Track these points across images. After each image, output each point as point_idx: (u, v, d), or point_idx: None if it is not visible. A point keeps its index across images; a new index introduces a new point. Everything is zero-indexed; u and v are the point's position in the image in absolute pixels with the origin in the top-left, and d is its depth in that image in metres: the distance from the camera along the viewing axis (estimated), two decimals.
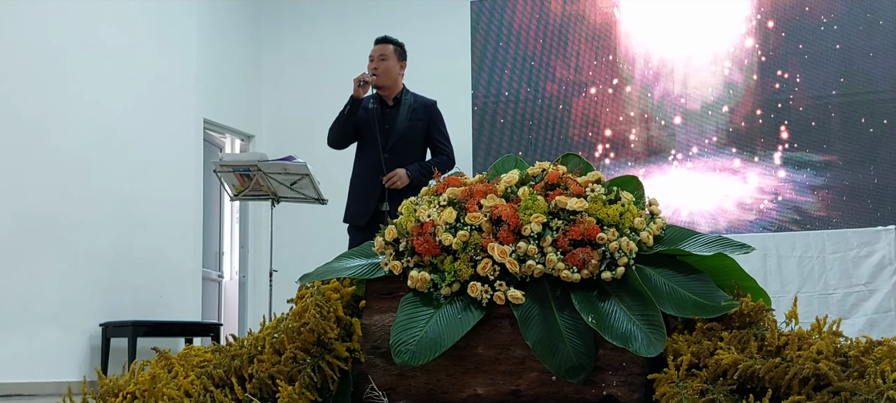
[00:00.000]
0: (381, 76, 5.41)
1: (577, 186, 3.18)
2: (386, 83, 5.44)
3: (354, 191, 5.52)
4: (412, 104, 5.51)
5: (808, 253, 6.53)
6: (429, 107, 5.56)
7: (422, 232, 3.15)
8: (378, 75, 5.40)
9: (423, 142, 5.55)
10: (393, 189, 5.33)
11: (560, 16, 7.69)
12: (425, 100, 5.57)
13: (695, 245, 3.06)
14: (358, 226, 5.42)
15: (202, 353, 3.23)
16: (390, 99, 5.50)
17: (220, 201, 8.25)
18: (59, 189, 6.39)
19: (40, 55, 6.33)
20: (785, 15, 7.19)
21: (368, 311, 3.17)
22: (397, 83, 5.52)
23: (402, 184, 5.33)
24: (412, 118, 5.47)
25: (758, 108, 7.18)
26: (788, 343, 2.70)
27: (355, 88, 5.32)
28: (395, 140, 5.42)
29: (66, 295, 6.37)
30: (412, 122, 5.46)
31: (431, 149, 5.59)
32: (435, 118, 5.56)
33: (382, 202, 5.35)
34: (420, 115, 5.50)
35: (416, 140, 5.50)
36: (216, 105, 8.04)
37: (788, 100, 7.12)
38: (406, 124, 5.44)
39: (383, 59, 5.44)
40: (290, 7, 8.88)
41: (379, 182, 5.36)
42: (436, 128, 5.55)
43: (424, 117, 5.51)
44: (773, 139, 7.11)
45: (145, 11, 7.22)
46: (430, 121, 5.53)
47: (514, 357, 2.94)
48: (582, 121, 7.53)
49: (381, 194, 5.36)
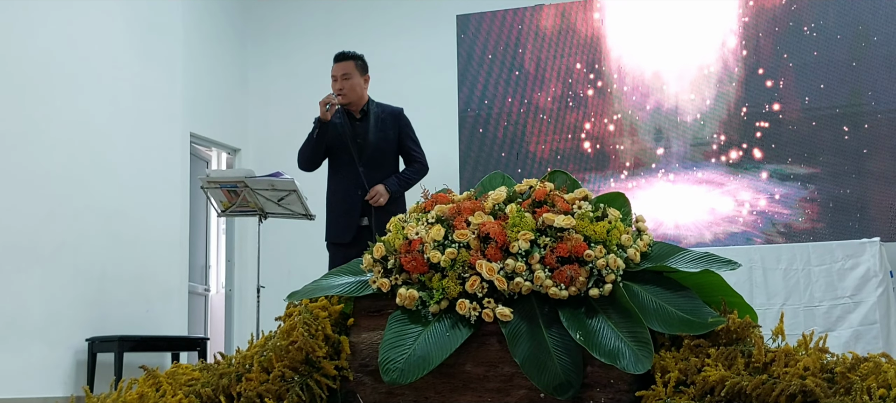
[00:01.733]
0: (348, 94, 5.42)
1: (564, 203, 3.19)
2: (352, 99, 5.44)
3: (334, 209, 5.50)
4: (379, 114, 5.50)
5: (793, 266, 6.55)
6: (396, 115, 5.56)
7: (410, 249, 3.16)
8: (344, 95, 5.40)
9: (395, 151, 5.55)
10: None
11: (545, 29, 7.71)
12: (392, 109, 5.57)
13: (681, 261, 3.08)
14: (339, 244, 5.41)
15: (190, 371, 3.22)
16: (358, 111, 5.49)
17: (207, 214, 8.23)
18: (45, 203, 6.36)
19: (24, 70, 6.31)
20: (771, 27, 7.24)
21: (357, 329, 3.18)
22: (363, 97, 5.51)
23: (385, 200, 5.35)
24: (383, 128, 5.47)
25: (743, 121, 7.22)
26: (775, 359, 2.72)
27: (322, 111, 5.30)
28: (370, 152, 5.42)
29: (51, 310, 6.34)
30: (383, 132, 5.46)
31: (404, 157, 5.59)
32: (404, 126, 5.56)
33: (363, 217, 5.36)
34: (390, 124, 5.50)
35: (390, 150, 5.51)
36: (202, 118, 8.03)
37: (774, 112, 7.16)
38: (377, 135, 5.44)
39: (347, 77, 5.42)
40: (277, 21, 8.88)
41: (359, 197, 5.36)
42: (407, 136, 5.56)
43: (394, 125, 5.51)
44: (758, 152, 7.15)
45: (130, 25, 7.20)
46: (399, 129, 5.53)
47: (503, 374, 2.94)
48: (567, 134, 7.55)
49: (362, 209, 5.36)
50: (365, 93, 5.53)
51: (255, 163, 8.57)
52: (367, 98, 5.53)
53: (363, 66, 5.53)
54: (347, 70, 5.43)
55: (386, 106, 5.56)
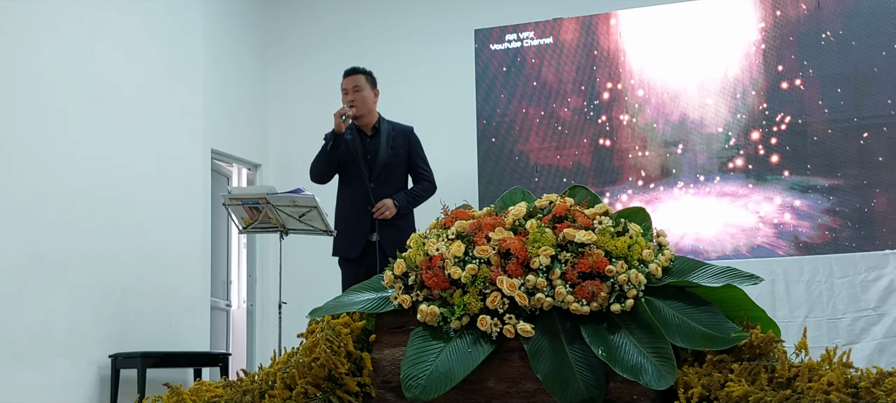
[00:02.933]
0: (359, 106, 5.48)
1: (584, 219, 3.19)
2: (363, 112, 5.50)
3: (343, 224, 5.56)
4: (390, 132, 5.56)
5: (816, 278, 6.52)
6: (407, 133, 5.62)
7: (430, 265, 3.17)
8: (356, 106, 5.46)
9: (405, 169, 5.62)
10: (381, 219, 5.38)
11: (564, 42, 7.71)
12: (402, 127, 5.63)
13: (703, 276, 3.07)
14: (349, 259, 5.46)
15: (213, 388, 3.24)
16: (369, 128, 5.55)
17: (228, 229, 8.26)
18: (68, 221, 6.40)
19: (48, 88, 6.36)
20: (793, 39, 7.21)
21: (379, 345, 3.18)
22: (373, 112, 5.58)
23: (391, 213, 5.40)
24: (393, 146, 5.53)
25: (764, 132, 7.19)
26: (799, 374, 2.71)
27: (337, 123, 5.37)
28: (380, 169, 5.49)
29: (75, 326, 6.37)
30: (394, 150, 5.52)
31: (413, 175, 5.65)
32: (414, 144, 5.63)
33: (372, 233, 5.40)
34: (400, 142, 5.56)
35: (400, 167, 5.57)
36: (223, 135, 8.07)
37: (795, 122, 7.12)
38: (388, 152, 5.50)
39: (358, 89, 5.50)
40: (296, 37, 8.93)
41: (367, 213, 5.42)
42: (416, 154, 5.62)
43: (404, 144, 5.58)
44: (779, 163, 7.12)
45: (152, 43, 7.26)
46: (410, 147, 5.59)
47: (525, 390, 2.94)
48: (586, 148, 7.54)
49: (371, 225, 5.41)
50: (375, 107, 5.61)
51: (275, 178, 8.61)
52: (378, 115, 5.60)
53: (373, 81, 5.62)
54: (358, 83, 5.52)
55: (397, 124, 5.62)
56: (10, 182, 6.07)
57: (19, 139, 6.16)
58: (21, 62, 6.20)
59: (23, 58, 6.22)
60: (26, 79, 6.23)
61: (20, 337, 5.99)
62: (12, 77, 6.14)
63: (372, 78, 5.62)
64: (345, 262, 5.52)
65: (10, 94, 6.12)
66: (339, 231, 5.56)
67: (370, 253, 5.27)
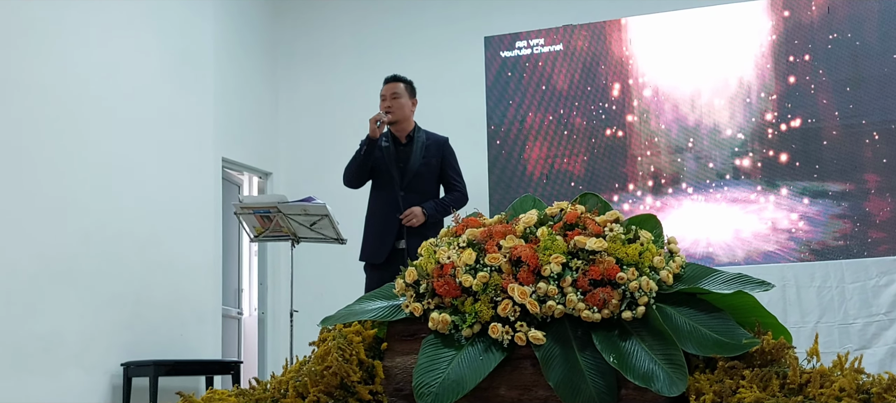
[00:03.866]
0: (396, 112, 5.51)
1: (595, 226, 3.20)
2: (399, 119, 5.53)
3: (371, 229, 5.58)
4: (425, 141, 5.59)
5: (827, 283, 6.51)
6: (441, 144, 5.64)
7: (442, 273, 3.18)
8: (393, 112, 5.48)
9: (437, 179, 5.62)
10: (409, 226, 5.39)
11: (573, 49, 7.72)
12: (437, 137, 5.65)
13: (715, 283, 3.07)
14: (375, 264, 5.47)
15: (226, 397, 3.25)
16: (404, 136, 5.58)
17: (239, 237, 8.29)
18: (80, 229, 6.44)
19: (59, 98, 6.40)
20: (803, 43, 7.20)
21: (390, 353, 3.19)
22: (410, 120, 5.61)
23: (419, 221, 5.40)
24: (426, 155, 5.55)
25: (774, 138, 7.18)
26: (810, 380, 2.71)
27: (372, 128, 5.39)
28: (411, 177, 5.50)
29: (87, 335, 6.40)
30: (426, 159, 5.54)
31: (444, 185, 5.65)
32: (448, 155, 5.64)
33: (399, 240, 5.41)
34: (433, 152, 5.58)
35: (431, 176, 5.58)
36: (234, 144, 8.10)
37: (806, 127, 7.11)
38: (420, 161, 5.52)
39: (396, 96, 5.53)
40: (307, 45, 8.96)
41: (396, 220, 5.43)
42: (449, 165, 5.63)
43: (437, 154, 5.59)
44: (790, 168, 7.11)
45: (162, 52, 7.29)
46: (443, 157, 5.61)
47: (537, 397, 2.95)
48: (597, 154, 7.55)
49: (398, 232, 5.42)
50: (412, 116, 5.63)
51: (286, 186, 8.63)
52: (414, 124, 5.62)
53: (412, 90, 5.66)
54: (397, 91, 5.55)
55: (433, 134, 5.65)
56: (23, 192, 6.11)
57: (33, 151, 6.20)
58: (33, 75, 6.24)
59: (36, 71, 6.26)
60: (38, 91, 6.27)
61: (33, 346, 6.03)
62: (24, 89, 6.18)
63: (412, 87, 5.66)
64: (370, 268, 5.53)
65: (22, 106, 6.15)
66: (367, 236, 5.57)
67: (396, 260, 5.27)
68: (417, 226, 5.39)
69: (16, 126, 6.10)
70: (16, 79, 6.12)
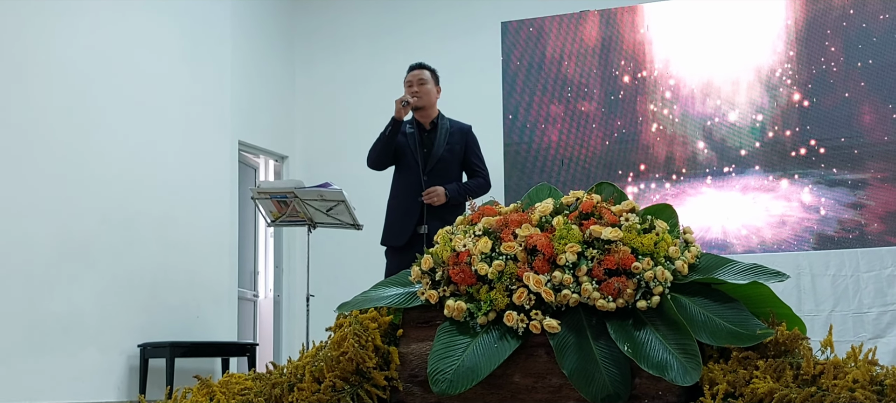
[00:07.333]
0: (422, 97, 5.55)
1: (611, 215, 3.21)
2: (425, 104, 5.58)
3: (393, 213, 5.63)
4: (449, 128, 5.64)
5: (842, 272, 6.50)
6: (465, 131, 5.69)
7: (458, 261, 3.20)
8: (419, 97, 5.52)
9: (460, 165, 5.68)
10: (431, 211, 5.42)
11: (590, 36, 7.71)
12: (461, 125, 5.69)
13: (729, 273, 3.08)
14: (395, 248, 5.51)
15: (243, 381, 3.28)
16: (428, 123, 5.62)
17: (255, 220, 8.33)
18: (97, 212, 6.49)
19: (76, 80, 6.44)
20: (820, 31, 7.17)
21: (406, 340, 3.22)
22: (434, 107, 5.67)
23: (440, 201, 5.44)
24: (450, 142, 5.60)
25: (791, 126, 7.16)
26: (824, 371, 2.72)
27: (397, 109, 5.45)
28: (434, 163, 5.54)
29: (104, 316, 6.46)
30: (450, 146, 5.59)
31: (467, 172, 5.71)
32: (471, 142, 5.70)
33: (421, 224, 5.44)
34: (457, 139, 5.63)
35: (454, 163, 5.63)
36: (250, 127, 8.13)
37: (822, 117, 7.09)
38: (444, 147, 5.57)
39: (422, 82, 5.59)
40: (323, 28, 8.97)
41: (417, 204, 5.47)
42: (472, 152, 5.68)
43: (461, 141, 5.64)
44: (806, 157, 7.09)
45: (179, 35, 7.32)
46: (466, 144, 5.66)
47: (551, 385, 2.97)
48: (613, 142, 7.54)
49: (420, 217, 5.46)
50: (436, 104, 5.69)
51: (302, 170, 8.67)
52: (438, 111, 5.67)
53: (436, 78, 5.73)
54: (423, 77, 5.62)
55: (456, 122, 5.70)
56: (42, 174, 6.16)
57: (51, 132, 6.24)
58: (52, 58, 6.29)
59: (54, 54, 6.30)
60: (58, 74, 6.31)
61: (51, 326, 6.09)
62: (44, 72, 6.22)
63: (436, 75, 5.73)
64: (390, 251, 5.59)
65: (41, 89, 6.20)
66: (388, 219, 5.61)
67: (416, 245, 5.30)
68: (440, 211, 5.42)
69: (34, 109, 6.14)
70: (34, 63, 6.17)
